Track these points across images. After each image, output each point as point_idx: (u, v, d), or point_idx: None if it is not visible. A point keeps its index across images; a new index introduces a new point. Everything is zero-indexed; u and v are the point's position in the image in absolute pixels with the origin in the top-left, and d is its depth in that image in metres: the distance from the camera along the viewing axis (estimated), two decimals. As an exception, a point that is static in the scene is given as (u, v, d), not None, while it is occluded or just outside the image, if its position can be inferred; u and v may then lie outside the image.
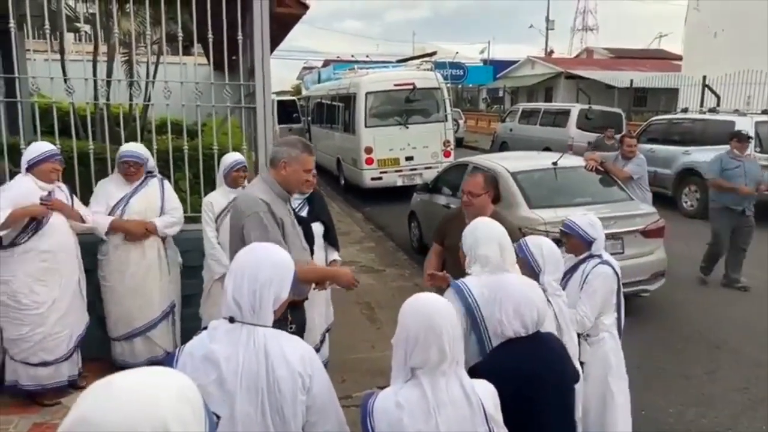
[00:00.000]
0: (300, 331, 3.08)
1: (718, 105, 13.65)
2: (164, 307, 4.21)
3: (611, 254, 5.45)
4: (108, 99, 5.90)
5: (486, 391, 1.81)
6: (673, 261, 6.18)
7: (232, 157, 4.19)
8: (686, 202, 10.74)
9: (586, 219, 3.20)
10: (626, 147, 6.71)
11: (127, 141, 4.48)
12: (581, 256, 3.15)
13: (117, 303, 4.08)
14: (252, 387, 1.70)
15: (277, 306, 1.81)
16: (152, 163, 4.27)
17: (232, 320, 1.76)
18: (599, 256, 3.14)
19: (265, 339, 1.74)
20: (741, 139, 7.06)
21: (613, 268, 3.11)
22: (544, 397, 2.06)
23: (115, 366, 4.14)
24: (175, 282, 4.32)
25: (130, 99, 6.08)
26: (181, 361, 1.76)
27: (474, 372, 1.96)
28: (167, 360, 1.80)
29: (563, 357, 2.21)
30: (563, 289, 2.86)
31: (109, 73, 5.57)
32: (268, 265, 1.79)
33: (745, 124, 10.13)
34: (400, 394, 1.74)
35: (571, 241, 3.19)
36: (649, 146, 11.04)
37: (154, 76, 7.31)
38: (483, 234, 2.57)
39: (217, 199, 4.16)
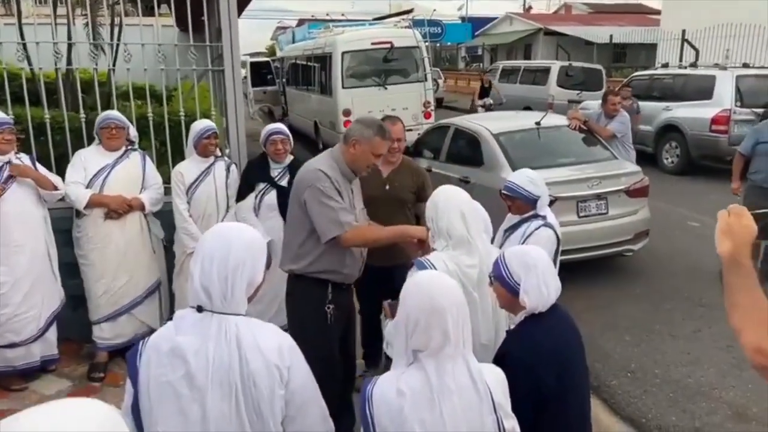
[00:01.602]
0: (341, 318, 2.95)
1: (697, 59, 13.52)
2: (150, 284, 4.03)
3: (595, 214, 5.56)
4: (70, 64, 5.56)
5: (495, 377, 1.68)
6: (656, 219, 6.12)
7: (201, 124, 3.97)
8: (667, 159, 10.71)
9: (525, 177, 3.05)
10: (610, 105, 6.56)
11: (93, 108, 4.24)
12: (525, 215, 3.03)
13: (99, 281, 3.87)
14: (224, 383, 1.55)
15: (251, 291, 1.65)
16: (134, 132, 4.05)
17: (200, 309, 1.59)
18: (543, 216, 3.01)
19: (238, 329, 1.58)
20: None
21: (555, 232, 2.99)
22: (576, 366, 1.98)
23: (95, 348, 3.97)
24: (160, 257, 4.13)
25: (96, 64, 5.75)
26: (144, 357, 1.59)
27: (506, 356, 1.84)
28: (129, 355, 1.63)
29: (575, 325, 2.11)
30: (500, 247, 2.80)
31: (69, 36, 5.20)
32: (239, 248, 1.61)
33: (725, 79, 10.06)
34: (401, 379, 1.59)
35: (515, 203, 3.06)
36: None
37: (118, 39, 6.92)
38: (443, 205, 2.38)
39: (187, 168, 3.95)
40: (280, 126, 4.01)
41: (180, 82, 4.65)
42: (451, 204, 2.38)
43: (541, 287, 1.94)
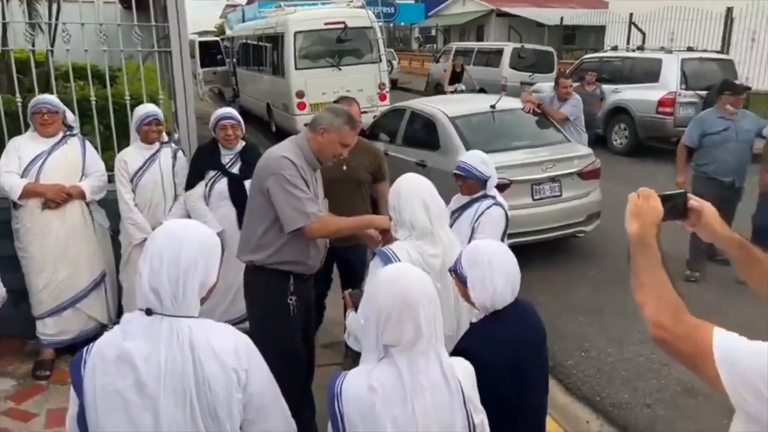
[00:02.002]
0: (302, 309, 2.87)
1: (644, 42, 13.83)
2: (94, 276, 3.85)
3: (549, 197, 5.63)
4: (5, 44, 5.24)
5: (464, 372, 1.65)
6: (606, 200, 6.24)
7: (143, 109, 3.79)
8: (616, 141, 10.97)
9: (477, 158, 3.15)
10: (561, 88, 6.64)
11: (30, 91, 3.99)
12: (475, 195, 3.09)
13: (40, 274, 3.68)
14: (178, 389, 1.46)
15: (204, 293, 1.56)
16: (72, 116, 3.84)
17: (149, 312, 1.49)
18: (492, 196, 3.11)
19: (191, 332, 1.49)
20: (736, 90, 5.36)
21: (505, 210, 3.09)
22: (534, 363, 1.95)
23: (40, 345, 3.79)
24: (105, 247, 3.95)
25: (33, 45, 5.42)
26: (89, 364, 1.49)
27: (461, 353, 1.80)
28: (72, 364, 1.52)
29: (539, 320, 2.08)
30: (451, 226, 2.80)
31: (3, 16, 4.87)
32: (191, 247, 1.52)
33: (671, 62, 10.34)
34: (372, 375, 1.55)
35: (467, 183, 3.12)
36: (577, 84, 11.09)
37: (57, 18, 6.55)
38: (406, 195, 2.35)
39: (131, 155, 3.78)
40: (230, 110, 3.87)
41: (124, 62, 4.43)
42: (413, 194, 2.34)
43: (486, 283, 1.90)
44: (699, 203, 1.54)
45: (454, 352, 1.87)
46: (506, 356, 1.86)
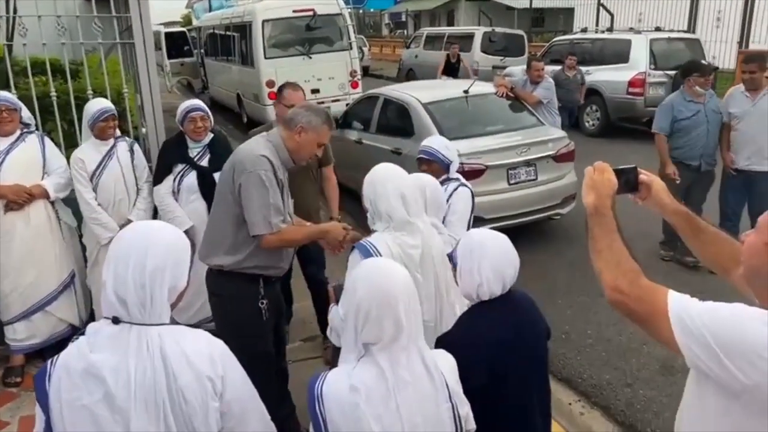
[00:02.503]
0: (273, 310, 2.80)
1: (613, 24, 13.93)
2: (63, 277, 3.73)
3: (525, 181, 5.63)
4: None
5: (447, 364, 1.62)
6: (581, 182, 6.28)
7: (96, 106, 3.65)
8: (588, 122, 11.03)
9: (442, 142, 3.26)
10: (534, 71, 6.64)
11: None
12: (440, 179, 3.11)
13: (5, 279, 3.54)
14: (150, 401, 1.39)
15: (174, 298, 1.49)
16: (28, 113, 3.69)
17: (116, 321, 1.41)
18: (456, 178, 3.19)
19: (161, 340, 1.41)
20: (704, 71, 5.20)
21: (471, 191, 3.16)
22: (517, 361, 1.89)
23: (9, 351, 3.66)
24: (72, 247, 3.83)
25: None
26: (54, 378, 1.40)
27: (443, 343, 1.78)
28: (36, 378, 1.43)
29: (536, 317, 2.02)
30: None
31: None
32: (158, 249, 1.44)
33: (640, 43, 10.41)
34: (353, 375, 1.51)
35: (432, 166, 3.18)
36: (551, 68, 11.11)
37: (15, 11, 6.29)
38: (382, 187, 2.29)
39: (87, 154, 3.65)
40: (198, 102, 3.76)
41: (85, 56, 4.27)
42: (389, 186, 2.29)
43: (473, 274, 1.86)
44: (648, 177, 1.62)
45: (438, 343, 1.84)
46: (481, 350, 1.81)
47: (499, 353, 1.84)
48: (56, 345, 3.80)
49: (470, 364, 1.72)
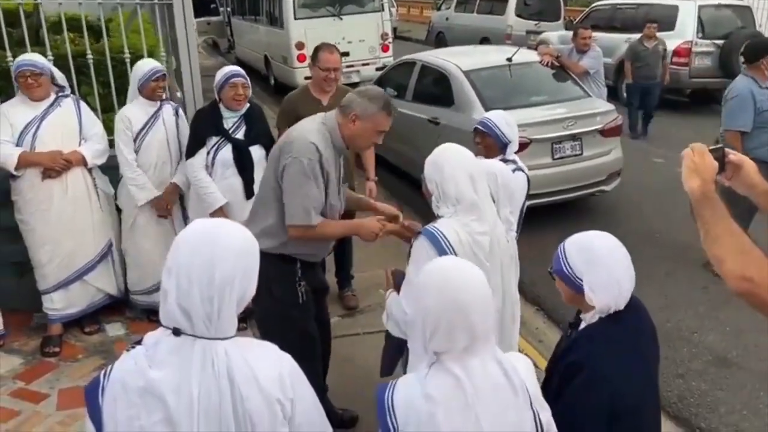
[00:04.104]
0: (315, 295, 2.72)
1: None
2: (101, 247, 3.65)
3: (570, 156, 5.40)
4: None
5: (525, 367, 1.48)
6: (624, 156, 6.00)
7: (147, 65, 3.53)
8: (627, 94, 10.59)
9: (503, 117, 2.96)
10: (581, 39, 6.30)
11: (20, 44, 3.72)
12: (493, 159, 2.87)
13: (42, 247, 3.46)
14: (214, 425, 1.26)
15: (243, 308, 1.34)
16: (60, 75, 3.55)
17: (177, 332, 1.27)
18: (513, 161, 2.92)
19: (228, 359, 1.27)
20: None
21: (528, 177, 2.93)
22: (652, 381, 1.73)
23: (47, 320, 3.61)
24: (110, 215, 3.74)
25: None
26: (108, 393, 1.27)
27: (580, 364, 1.62)
28: (89, 391, 1.30)
29: (652, 323, 1.81)
30: None
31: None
32: (228, 258, 1.28)
33: (688, 9, 9.89)
34: (427, 384, 1.37)
35: (486, 141, 2.94)
36: (608, 35, 10.61)
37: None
38: (450, 167, 2.13)
39: (134, 113, 3.54)
40: (238, 68, 3.56)
41: (121, 12, 4.08)
42: (458, 167, 2.12)
43: (611, 284, 1.64)
44: (738, 157, 1.57)
45: (568, 365, 1.66)
46: (628, 367, 1.63)
47: (641, 367, 1.68)
48: (93, 314, 3.76)
49: (620, 386, 1.58)
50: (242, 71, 3.53)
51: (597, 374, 1.58)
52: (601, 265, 1.65)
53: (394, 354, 2.32)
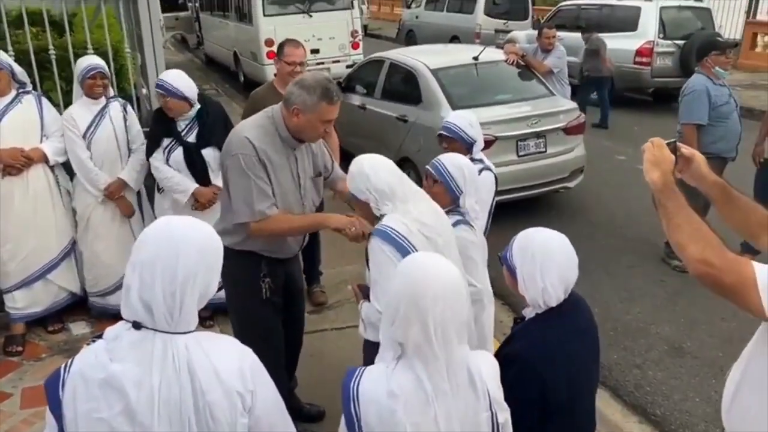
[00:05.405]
0: (287, 291, 2.72)
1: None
2: (64, 245, 3.62)
3: (534, 153, 5.52)
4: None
5: (490, 370, 1.52)
6: (588, 154, 6.15)
7: (85, 62, 3.50)
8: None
9: (466, 119, 3.05)
10: (545, 39, 6.41)
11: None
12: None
13: (4, 246, 3.41)
14: (175, 417, 1.28)
15: (204, 303, 1.36)
16: (20, 70, 3.50)
17: (137, 326, 1.29)
18: (480, 160, 3.00)
19: (189, 352, 1.29)
20: (724, 48, 4.63)
21: (495, 175, 3.02)
22: (588, 375, 1.81)
23: (9, 319, 3.56)
24: (72, 214, 3.70)
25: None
26: (69, 386, 1.28)
27: (513, 357, 1.67)
28: (49, 384, 1.31)
29: (593, 320, 1.89)
30: None
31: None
32: (191, 254, 1.30)
33: (649, 10, 10.15)
34: (392, 379, 1.42)
35: (453, 145, 3.01)
36: (566, 34, 10.79)
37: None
38: (373, 170, 2.15)
39: (79, 113, 3.52)
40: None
41: (84, 6, 4.02)
42: (380, 168, 2.17)
43: (536, 278, 1.70)
44: (689, 150, 1.69)
45: (502, 357, 1.71)
46: (559, 362, 1.70)
47: (576, 366, 1.74)
48: (56, 313, 3.72)
49: (552, 382, 1.64)
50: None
51: (528, 368, 1.65)
52: (531, 259, 1.72)
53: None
